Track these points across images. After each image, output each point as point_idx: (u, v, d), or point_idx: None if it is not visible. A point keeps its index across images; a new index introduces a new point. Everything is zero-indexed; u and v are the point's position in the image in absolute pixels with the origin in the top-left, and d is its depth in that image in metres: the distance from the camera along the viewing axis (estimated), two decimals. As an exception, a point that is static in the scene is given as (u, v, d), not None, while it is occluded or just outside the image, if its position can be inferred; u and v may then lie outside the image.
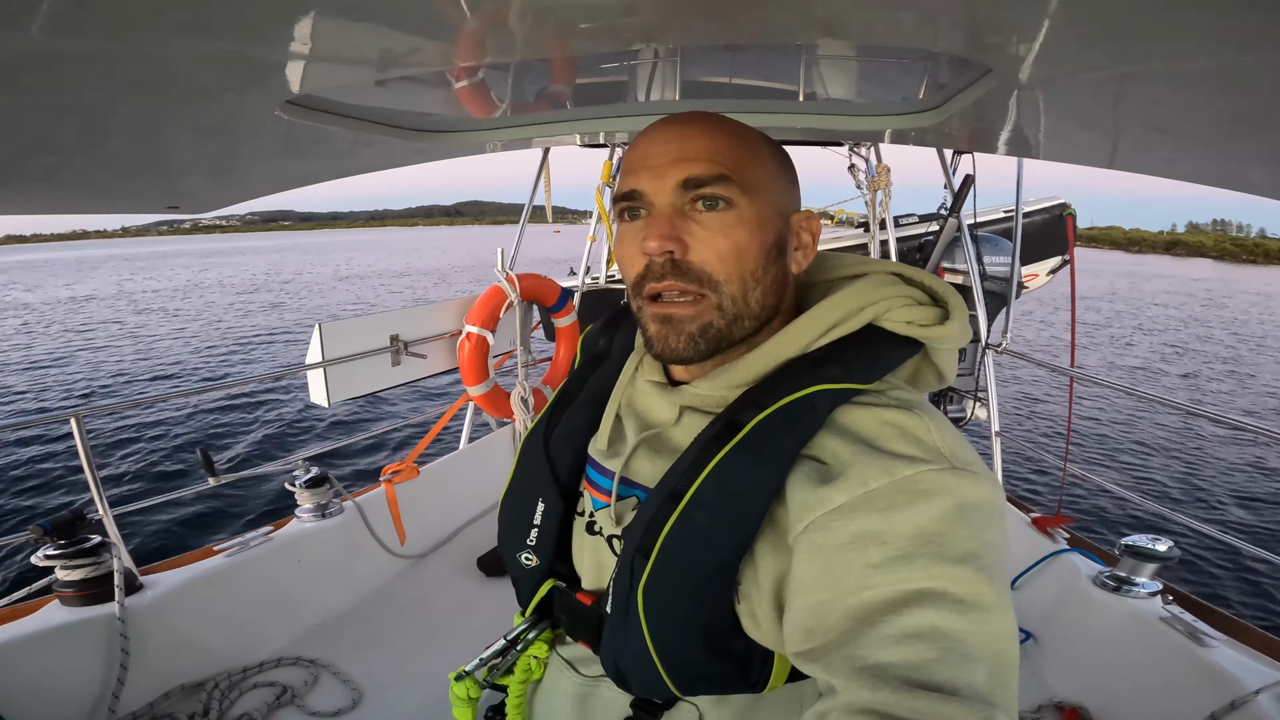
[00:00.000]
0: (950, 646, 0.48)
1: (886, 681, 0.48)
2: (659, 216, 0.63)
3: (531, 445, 0.83)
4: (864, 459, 0.56)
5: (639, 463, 0.71)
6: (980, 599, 0.50)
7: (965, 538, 0.52)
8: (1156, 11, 0.60)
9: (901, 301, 0.67)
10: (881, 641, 0.50)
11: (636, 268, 0.65)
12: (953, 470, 0.55)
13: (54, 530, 1.66)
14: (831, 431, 0.61)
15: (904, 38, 0.85)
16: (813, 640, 0.54)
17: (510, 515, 0.83)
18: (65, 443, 7.45)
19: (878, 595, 0.51)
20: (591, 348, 0.89)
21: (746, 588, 0.62)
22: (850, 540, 0.53)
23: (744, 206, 0.63)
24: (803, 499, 0.57)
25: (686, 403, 0.70)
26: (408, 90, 1.16)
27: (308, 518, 2.21)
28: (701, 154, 0.62)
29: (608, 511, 0.72)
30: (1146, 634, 1.68)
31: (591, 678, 0.78)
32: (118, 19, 0.63)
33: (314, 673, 1.87)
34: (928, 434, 0.58)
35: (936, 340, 0.66)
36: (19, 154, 1.06)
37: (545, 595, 0.81)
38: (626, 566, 0.64)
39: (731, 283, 0.64)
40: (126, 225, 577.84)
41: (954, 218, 3.70)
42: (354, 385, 2.57)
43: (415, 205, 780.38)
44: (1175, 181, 14.97)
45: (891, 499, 0.54)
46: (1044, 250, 6.48)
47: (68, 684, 1.60)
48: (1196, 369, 13.06)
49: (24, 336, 17.58)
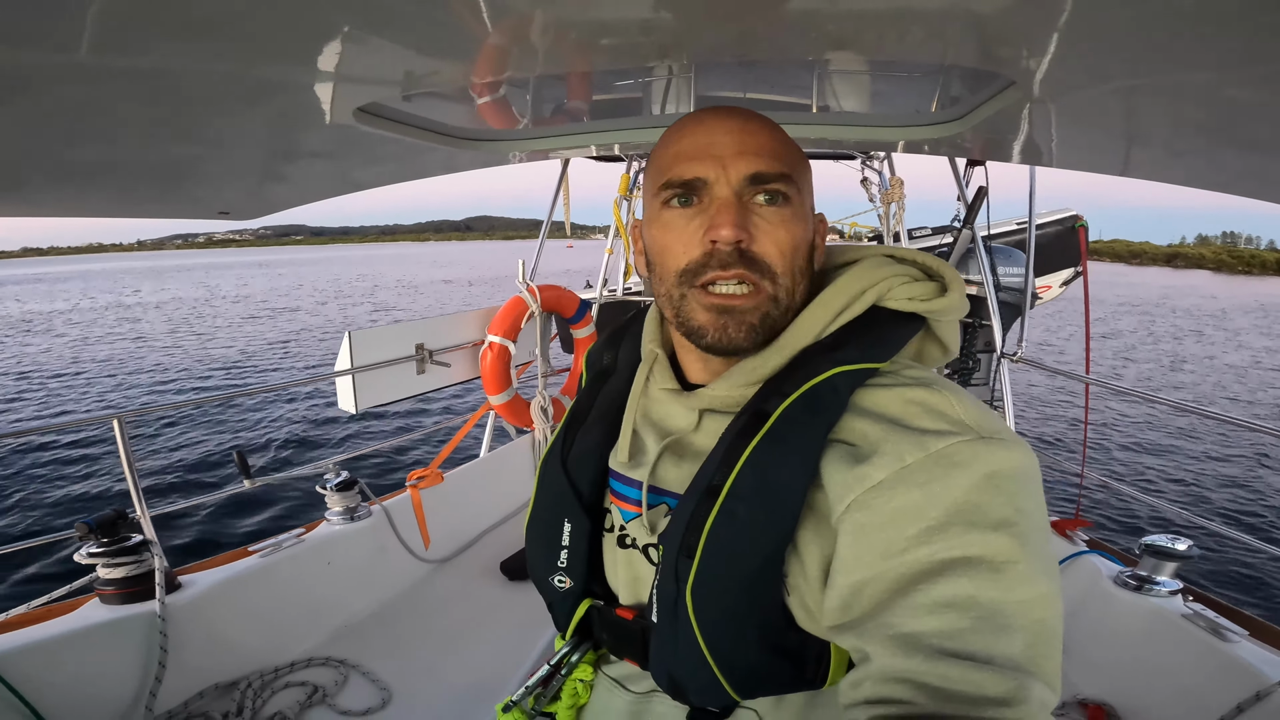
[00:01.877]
0: (985, 615, 0.49)
1: (919, 649, 0.49)
2: (726, 205, 0.62)
3: (550, 468, 0.81)
4: (895, 436, 0.57)
5: (665, 470, 0.70)
6: (1015, 565, 0.50)
7: (999, 505, 0.52)
8: (1184, 21, 0.62)
9: (900, 280, 0.68)
10: (915, 610, 0.50)
11: (692, 255, 0.65)
12: (982, 439, 0.55)
13: (97, 528, 1.70)
14: (856, 414, 0.61)
15: (929, 52, 0.88)
16: (850, 613, 0.55)
17: (538, 540, 0.81)
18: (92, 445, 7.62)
19: (913, 565, 0.52)
20: (596, 364, 0.88)
21: (795, 579, 0.61)
22: (891, 516, 0.54)
23: (797, 204, 0.65)
24: (840, 479, 0.57)
25: (705, 405, 0.70)
26: (454, 100, 1.22)
27: (337, 520, 2.25)
28: (765, 149, 0.64)
29: (640, 521, 0.71)
30: (1169, 631, 1.70)
31: (643, 694, 0.77)
32: (196, 37, 0.68)
33: (344, 673, 1.90)
34: (951, 408, 0.58)
35: (939, 312, 0.68)
36: (83, 159, 1.12)
37: (584, 616, 0.79)
38: (670, 571, 0.63)
39: (786, 275, 0.65)
40: (142, 239, 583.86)
41: (968, 229, 3.72)
42: (381, 392, 2.63)
43: (426, 220, 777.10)
44: (1188, 193, 14.61)
45: (929, 472, 0.54)
46: (1056, 262, 6.47)
47: (106, 682, 1.63)
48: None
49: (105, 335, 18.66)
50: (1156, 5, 0.60)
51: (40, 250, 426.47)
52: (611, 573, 0.78)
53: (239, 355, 15.13)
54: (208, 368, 13.71)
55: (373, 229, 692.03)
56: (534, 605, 2.26)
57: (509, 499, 3.05)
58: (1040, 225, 3.60)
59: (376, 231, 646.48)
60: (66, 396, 11.53)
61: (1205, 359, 15.00)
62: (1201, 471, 7.39)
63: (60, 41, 0.64)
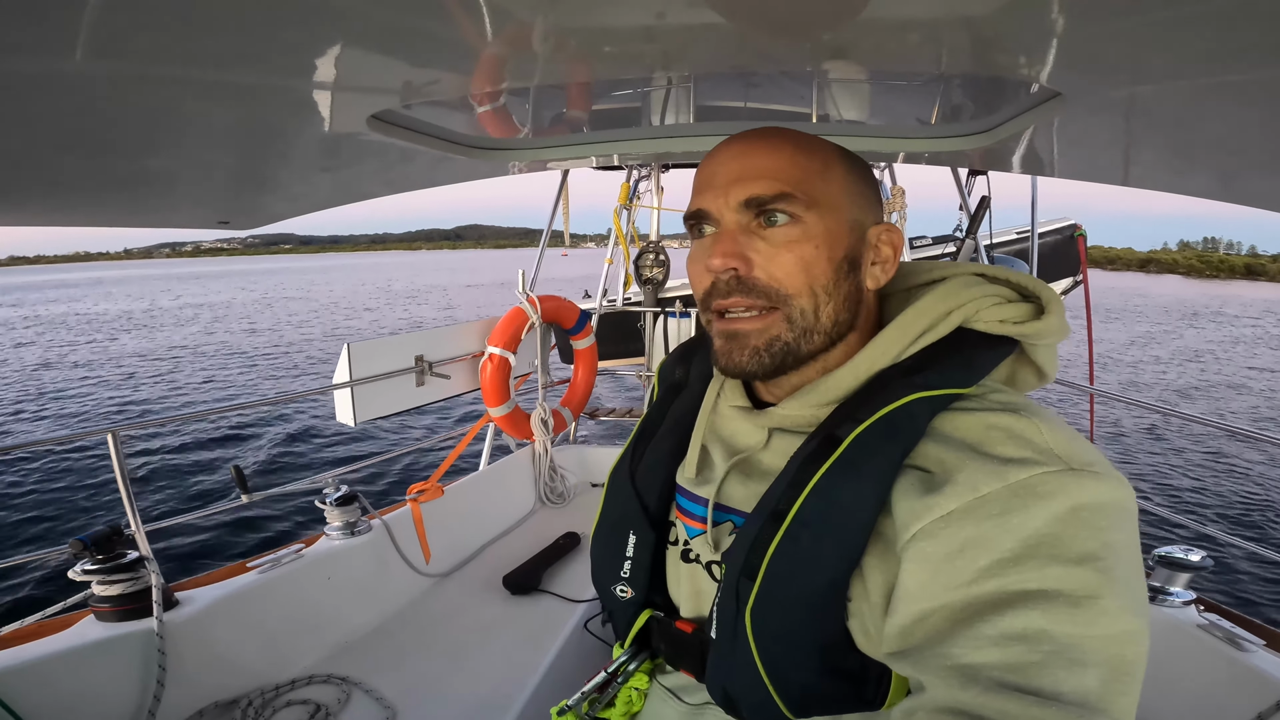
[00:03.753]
0: (1057, 650, 0.46)
1: (977, 681, 0.47)
2: (724, 234, 0.64)
3: (618, 480, 0.83)
4: (973, 464, 0.55)
5: (732, 487, 0.71)
6: (1098, 600, 0.47)
7: (1084, 539, 0.50)
8: (1231, 30, 0.61)
9: (991, 301, 0.66)
10: (978, 642, 0.48)
11: (704, 284, 0.66)
12: (1071, 471, 0.52)
13: (93, 545, 1.66)
14: (934, 439, 0.59)
15: (963, 63, 0.86)
16: (909, 640, 0.53)
17: (602, 550, 0.83)
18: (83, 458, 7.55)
19: (981, 596, 0.50)
20: (668, 378, 0.89)
21: (857, 604, 0.60)
22: (960, 547, 0.52)
23: (810, 222, 0.63)
24: (909, 507, 0.56)
25: (774, 424, 0.70)
26: (462, 108, 1.20)
27: (337, 535, 2.22)
28: (763, 172, 0.63)
29: (704, 538, 0.71)
30: (1184, 641, 1.68)
31: (696, 705, 0.78)
32: (215, 47, 0.66)
33: (346, 690, 1.86)
34: (1038, 435, 0.55)
35: (1035, 336, 0.65)
36: (83, 168, 1.10)
37: (643, 626, 0.81)
38: (731, 590, 0.63)
39: (801, 296, 0.63)
40: (129, 248, 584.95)
41: (971, 239, 3.73)
42: (379, 405, 2.59)
43: (416, 229, 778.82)
44: (1170, 200, 14.82)
45: (1006, 504, 0.51)
46: (1056, 271, 6.51)
47: (103, 701, 1.58)
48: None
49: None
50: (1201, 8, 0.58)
51: (27, 259, 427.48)
52: (674, 585, 0.79)
53: (247, 367, 15.16)
54: (206, 379, 13.71)
55: (363, 238, 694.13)
56: (538, 619, 2.27)
57: (510, 512, 3.01)
58: (1039, 235, 3.61)
59: (367, 240, 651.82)
60: (63, 410, 11.48)
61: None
62: (1211, 481, 7.41)
63: (72, 51, 0.63)
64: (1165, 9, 0.59)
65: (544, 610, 2.28)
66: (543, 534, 2.81)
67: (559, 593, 2.37)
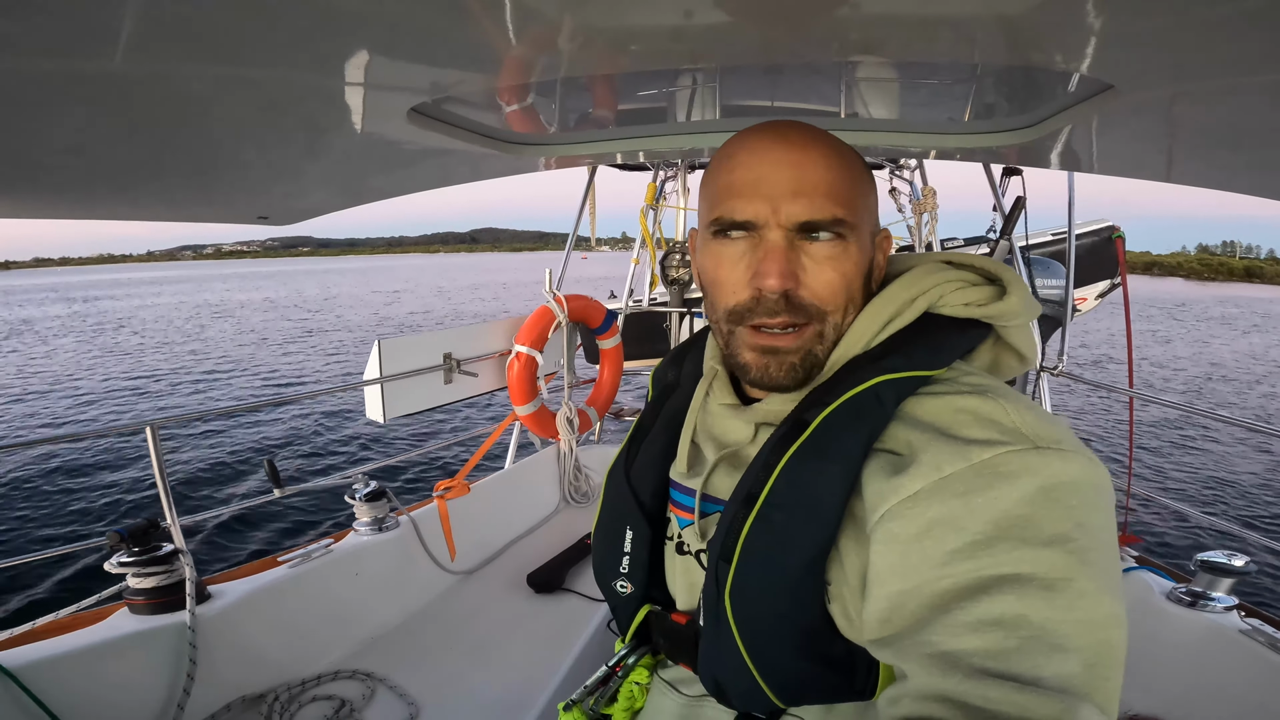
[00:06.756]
0: (1035, 635, 0.46)
1: (958, 668, 0.47)
2: (775, 251, 0.61)
3: (614, 478, 0.85)
4: (937, 445, 0.55)
5: (719, 479, 0.72)
6: (1073, 583, 0.47)
7: (1055, 519, 0.49)
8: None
9: (954, 285, 0.66)
10: (956, 629, 0.48)
11: (740, 297, 0.64)
12: (1036, 450, 0.52)
13: (129, 537, 1.70)
14: (903, 423, 0.60)
15: (1009, 55, 0.84)
16: (889, 628, 0.53)
17: (602, 547, 0.85)
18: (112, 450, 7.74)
19: (955, 582, 0.50)
20: (662, 380, 0.91)
21: (837, 588, 0.61)
22: (926, 528, 0.52)
23: (851, 240, 0.62)
24: (877, 489, 0.56)
25: (760, 419, 0.71)
26: (497, 105, 1.20)
27: (365, 531, 2.24)
28: (820, 187, 0.60)
29: (693, 528, 0.73)
30: (1226, 647, 1.66)
31: (694, 698, 0.79)
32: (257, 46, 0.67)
33: (371, 686, 1.88)
34: (1005, 416, 0.55)
35: (999, 317, 0.65)
36: (130, 164, 1.12)
37: (643, 620, 0.82)
38: (712, 575, 0.64)
39: (836, 312, 0.64)
40: (153, 249, 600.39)
41: (1005, 240, 3.65)
42: (408, 402, 2.62)
43: (431, 232, 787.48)
44: (1190, 203, 14.49)
45: (969, 484, 0.51)
46: (1093, 273, 6.37)
47: (134, 693, 1.61)
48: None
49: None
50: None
51: (52, 260, 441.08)
52: (671, 579, 0.80)
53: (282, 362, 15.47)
54: (243, 374, 14.02)
55: (379, 241, 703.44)
56: (561, 618, 2.27)
57: (534, 511, 3.02)
58: (1076, 236, 3.52)
59: (384, 244, 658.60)
60: (102, 404, 11.81)
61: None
62: (1252, 486, 7.20)
63: (123, 48, 0.64)
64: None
65: (567, 609, 2.28)
66: (567, 533, 2.81)
67: (582, 592, 2.37)
